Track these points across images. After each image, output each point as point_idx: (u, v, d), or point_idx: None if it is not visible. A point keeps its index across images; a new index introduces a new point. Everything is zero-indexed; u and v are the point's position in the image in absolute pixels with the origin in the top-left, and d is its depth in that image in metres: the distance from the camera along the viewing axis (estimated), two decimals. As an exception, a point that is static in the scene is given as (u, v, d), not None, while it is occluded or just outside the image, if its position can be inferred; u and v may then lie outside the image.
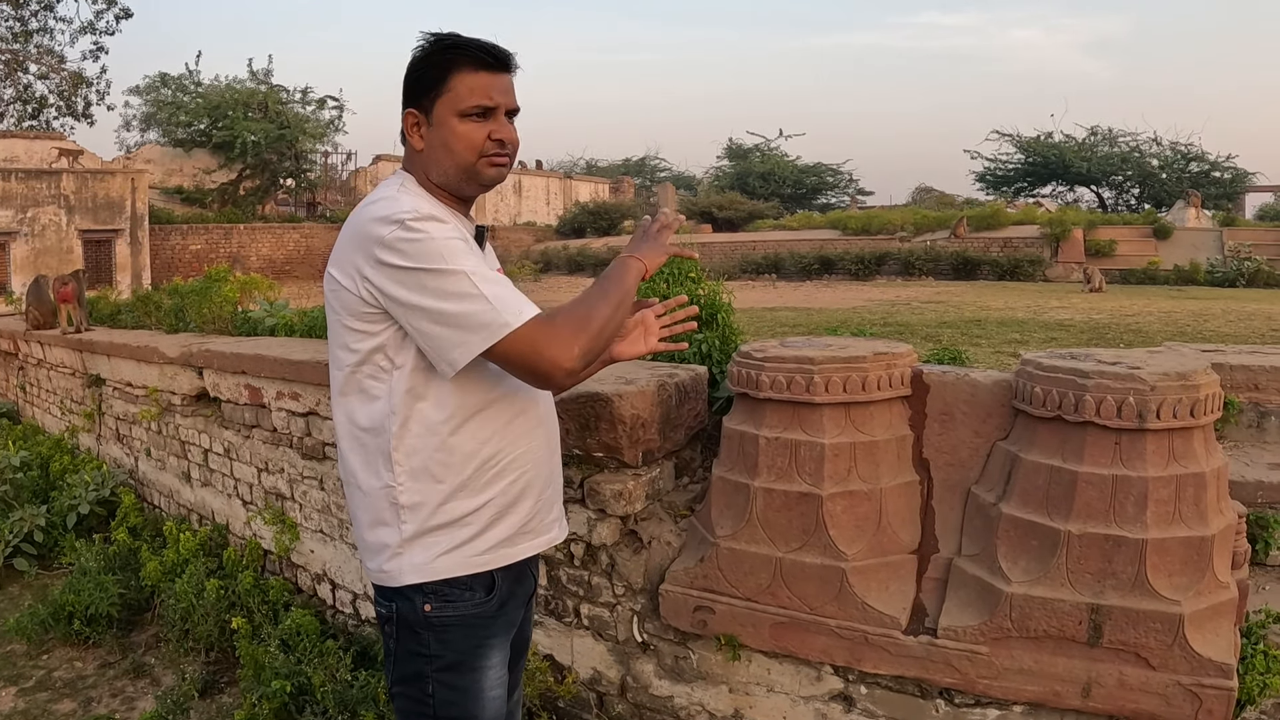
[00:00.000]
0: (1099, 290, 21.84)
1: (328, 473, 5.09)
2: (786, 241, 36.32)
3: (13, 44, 40.17)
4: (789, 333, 10.86)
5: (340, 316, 2.26)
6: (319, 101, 41.84)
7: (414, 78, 2.30)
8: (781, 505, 3.10)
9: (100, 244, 31.20)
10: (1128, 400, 2.69)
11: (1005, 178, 55.90)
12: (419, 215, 2.14)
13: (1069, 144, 53.17)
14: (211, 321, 7.39)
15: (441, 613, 2.29)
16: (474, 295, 2.10)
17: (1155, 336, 10.26)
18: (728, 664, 3.32)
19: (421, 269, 2.10)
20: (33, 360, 10.55)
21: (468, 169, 2.31)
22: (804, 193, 62.25)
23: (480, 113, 2.28)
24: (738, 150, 64.92)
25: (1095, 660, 2.71)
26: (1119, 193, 54.59)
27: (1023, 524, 2.85)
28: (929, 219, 36.97)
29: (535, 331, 2.12)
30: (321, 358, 4.97)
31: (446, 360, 2.15)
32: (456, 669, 2.33)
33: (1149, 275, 28.43)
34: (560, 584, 3.78)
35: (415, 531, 2.27)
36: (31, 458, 8.12)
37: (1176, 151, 52.14)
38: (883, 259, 32.29)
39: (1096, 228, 33.52)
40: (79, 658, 5.40)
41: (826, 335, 3.89)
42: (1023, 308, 15.66)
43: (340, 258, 2.24)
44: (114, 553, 6.27)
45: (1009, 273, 29.84)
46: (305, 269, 38.24)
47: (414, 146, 2.34)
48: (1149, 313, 14.60)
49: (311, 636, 4.67)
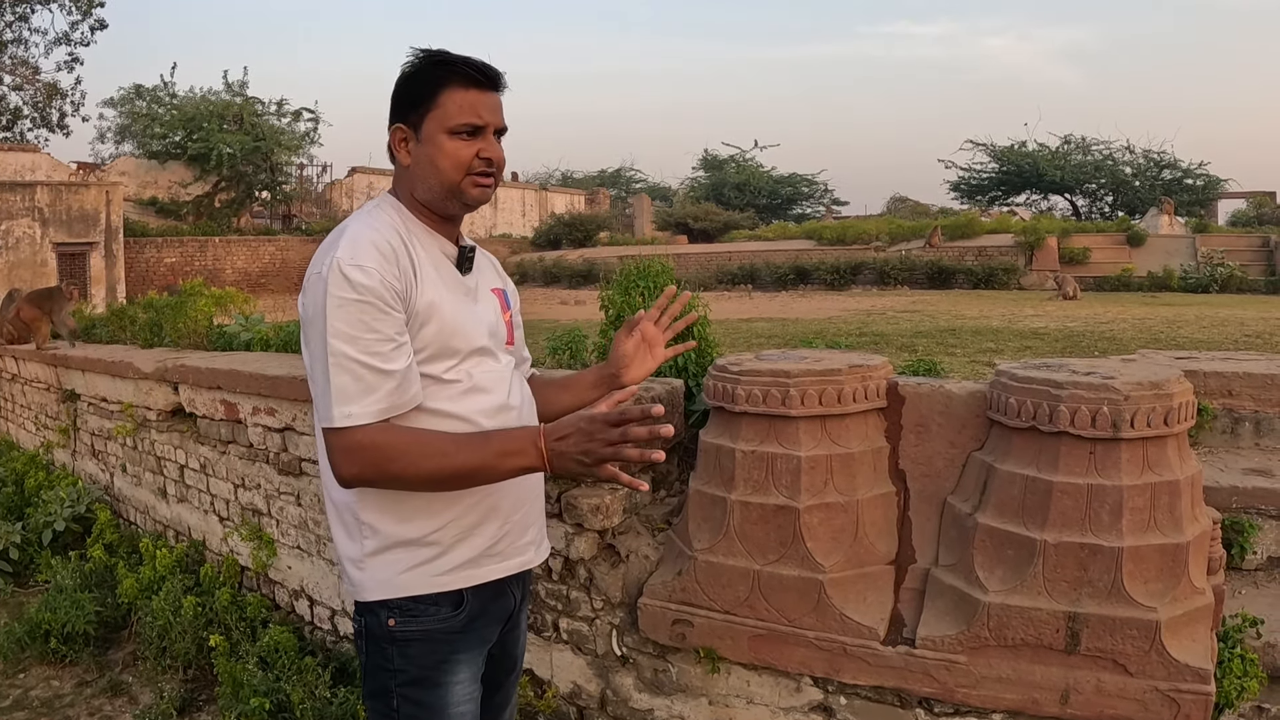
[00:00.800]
0: (1073, 298, 21.93)
1: (304, 488, 5.07)
2: (762, 252, 36.37)
3: (-14, 55, 39.98)
4: (765, 344, 10.87)
5: (304, 337, 2.27)
6: (294, 114, 41.71)
7: (403, 92, 2.30)
8: (759, 518, 3.11)
9: (75, 257, 31.00)
10: (1102, 410, 2.71)
11: (979, 186, 56.17)
12: (347, 262, 2.11)
13: (1043, 152, 53.45)
14: (187, 336, 7.37)
15: (405, 627, 2.29)
16: (322, 377, 2.14)
17: (1130, 344, 10.30)
18: (707, 676, 3.32)
19: (307, 323, 2.17)
20: (6, 375, 10.49)
21: (453, 187, 2.30)
22: (779, 203, 62.40)
23: (469, 131, 2.27)
24: (713, 161, 65.01)
25: (1073, 667, 2.73)
26: (1093, 200, 54.92)
27: (999, 534, 2.86)
28: (904, 228, 37.13)
29: (341, 439, 2.13)
30: (298, 373, 4.96)
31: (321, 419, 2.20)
32: (420, 684, 2.31)
33: (1123, 282, 28.60)
34: (539, 598, 3.78)
35: (376, 547, 2.27)
36: (6, 474, 8.09)
37: (1149, 159, 52.50)
38: (858, 269, 32.39)
39: (1071, 235, 33.69)
40: (56, 676, 5.37)
41: (802, 347, 3.90)
42: (997, 316, 15.71)
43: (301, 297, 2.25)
44: (90, 570, 6.24)
45: (984, 281, 29.96)
46: (280, 282, 38.08)
47: (400, 162, 2.33)
48: (1123, 320, 14.67)
49: (290, 653, 4.65)
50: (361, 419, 2.11)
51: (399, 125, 2.31)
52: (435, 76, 2.26)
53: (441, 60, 2.28)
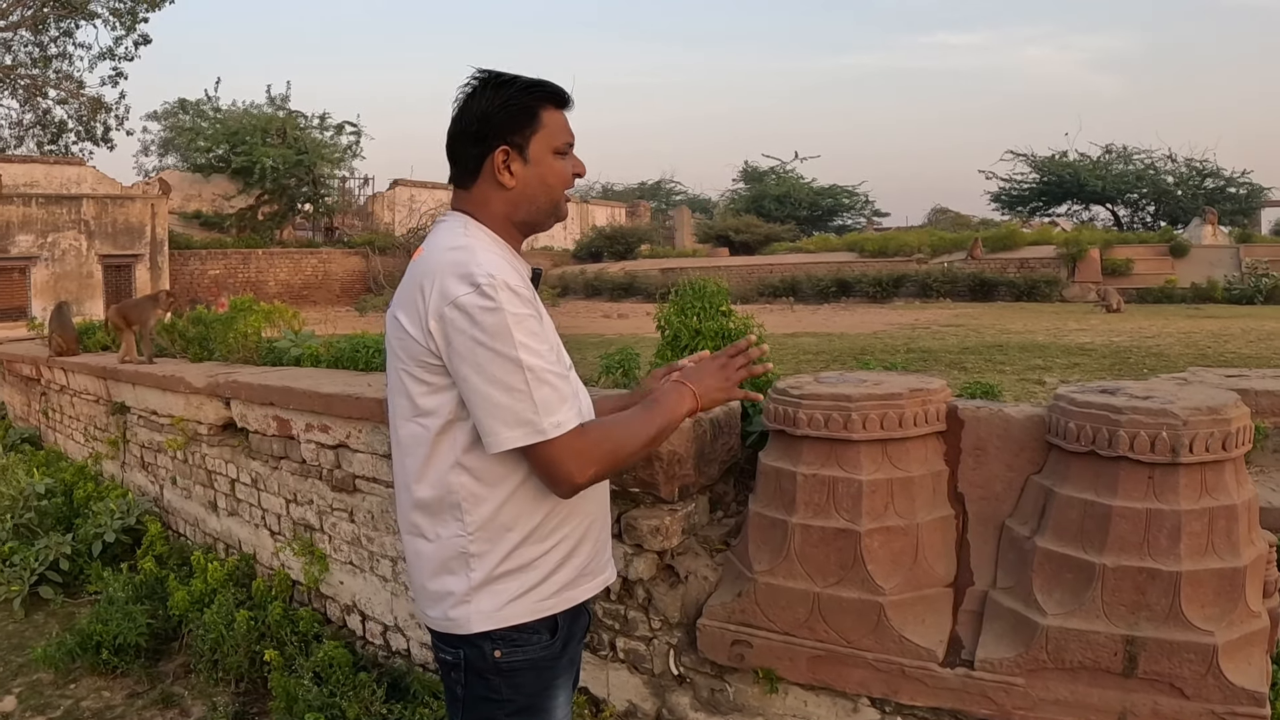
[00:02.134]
0: (1117, 311, 21.79)
1: (358, 505, 5.11)
2: (803, 264, 36.38)
3: (32, 69, 40.55)
4: (814, 361, 10.87)
5: (404, 364, 2.24)
6: (337, 127, 42.10)
7: (503, 114, 2.29)
8: (819, 540, 3.11)
9: (120, 269, 31.41)
10: (1160, 435, 2.70)
11: (1020, 197, 55.93)
12: (494, 281, 2.12)
13: (1084, 162, 53.16)
14: (237, 351, 7.43)
15: (511, 657, 2.29)
16: (521, 392, 2.11)
17: (1177, 360, 10.24)
18: (764, 696, 3.33)
19: (483, 344, 2.10)
20: (55, 386, 10.60)
21: (558, 204, 2.39)
22: (820, 215, 62.33)
23: (567, 149, 2.36)
24: (753, 173, 65.05)
25: (1130, 691, 2.71)
26: (1134, 211, 54.56)
27: (1057, 557, 2.85)
28: (945, 240, 37.02)
29: (563, 448, 2.15)
30: (352, 391, 5.00)
31: (485, 443, 2.17)
32: (528, 712, 2.33)
33: (1166, 294, 28.39)
34: (596, 618, 3.79)
35: (483, 579, 2.26)
36: (55, 485, 8.11)
37: (1191, 168, 52.11)
38: (900, 281, 32.32)
39: (1113, 247, 33.50)
40: (107, 687, 5.41)
41: (858, 368, 3.91)
42: (1042, 330, 15.64)
43: (407, 302, 2.22)
44: (141, 582, 6.28)
45: (1026, 294, 29.83)
46: (323, 294, 38.44)
47: (502, 183, 2.33)
48: (1168, 334, 14.58)
49: (344, 668, 4.68)
50: (568, 425, 2.15)
51: (505, 147, 2.30)
52: (533, 99, 2.31)
53: (533, 83, 2.33)
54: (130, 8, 40.05)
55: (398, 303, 2.27)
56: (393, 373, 2.31)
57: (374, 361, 6.14)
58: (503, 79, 2.31)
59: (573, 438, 2.16)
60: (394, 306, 2.29)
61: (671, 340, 4.47)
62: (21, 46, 40.32)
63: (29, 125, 41.91)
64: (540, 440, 2.12)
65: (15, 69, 40.32)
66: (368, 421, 4.88)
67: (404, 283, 2.28)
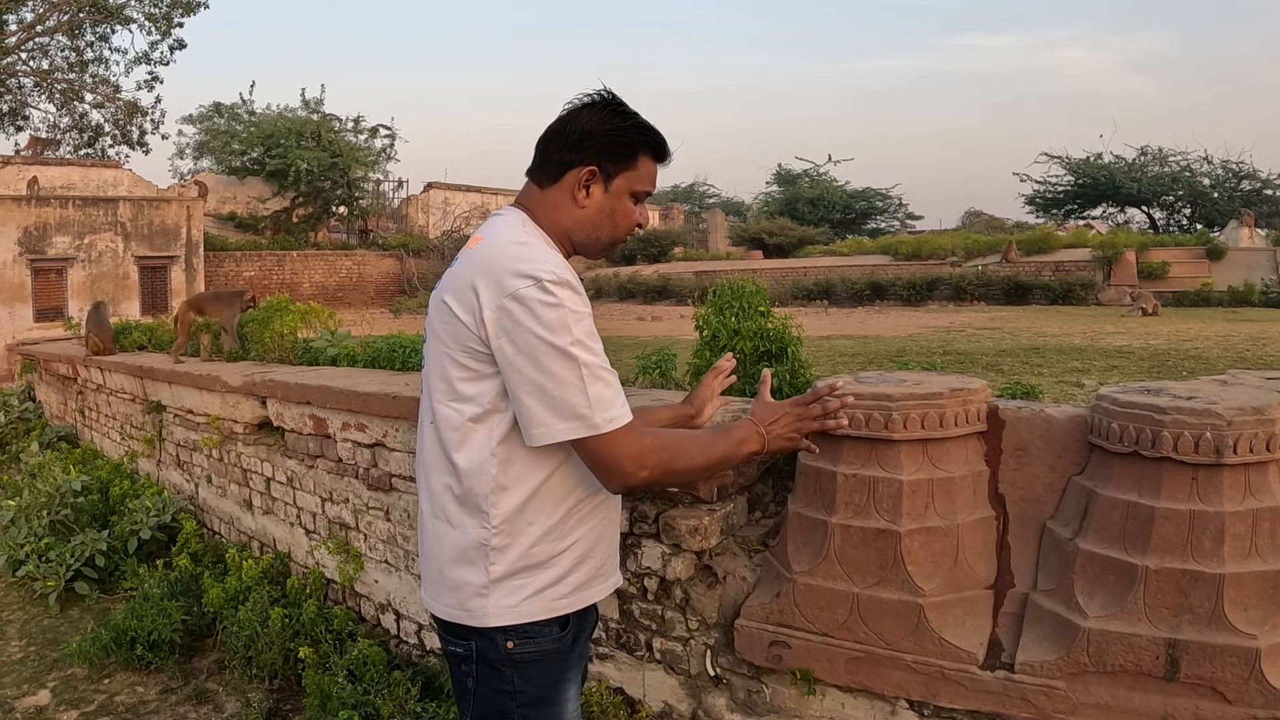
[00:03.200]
0: (1153, 314, 21.63)
1: (394, 504, 5.12)
2: (837, 267, 36.31)
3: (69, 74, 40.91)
4: (850, 363, 10.84)
5: (448, 348, 2.25)
6: (371, 130, 42.23)
7: (605, 141, 2.33)
8: (859, 541, 3.09)
9: (156, 270, 31.61)
10: (1204, 435, 2.67)
11: (1055, 200, 55.61)
12: (557, 279, 2.14)
13: (1119, 165, 52.81)
14: (273, 350, 7.47)
15: (523, 649, 2.31)
16: (576, 386, 2.14)
17: (1216, 363, 10.15)
18: (802, 698, 3.31)
19: (541, 338, 2.12)
20: (92, 385, 10.70)
21: (615, 242, 2.44)
22: (853, 218, 62.16)
23: (644, 196, 2.42)
24: (786, 176, 64.92)
25: (1171, 695, 2.68)
26: (1170, 213, 54.14)
27: (1099, 559, 2.82)
28: (979, 243, 36.86)
29: (618, 442, 2.19)
30: (389, 390, 5.01)
31: (528, 433, 2.19)
32: (540, 704, 2.35)
33: (1203, 297, 28.15)
34: (633, 618, 3.79)
35: (502, 573, 2.28)
36: (91, 482, 8.18)
37: (1228, 170, 51.71)
38: (934, 284, 32.21)
39: (1148, 250, 33.26)
40: (140, 683, 5.46)
41: (896, 368, 3.88)
42: (1079, 333, 15.53)
43: (461, 289, 2.22)
44: (175, 578, 6.34)
45: (1061, 297, 29.65)
46: (358, 296, 38.61)
47: (577, 200, 2.36)
48: (1206, 337, 14.45)
49: (378, 667, 4.69)
50: (621, 421, 2.19)
51: (593, 167, 2.34)
52: (639, 140, 2.37)
53: (646, 128, 2.38)
54: (165, 13, 40.30)
55: (448, 288, 2.28)
56: (433, 355, 2.33)
57: (410, 361, 6.15)
58: (621, 109, 2.36)
59: (628, 435, 2.20)
60: (442, 290, 2.30)
61: (710, 340, 4.47)
62: (58, 51, 40.67)
63: (65, 129, 42.31)
64: (593, 434, 2.16)
65: (52, 73, 40.68)
66: (405, 420, 4.89)
67: (457, 269, 2.29)
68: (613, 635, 3.88)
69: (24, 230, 28.83)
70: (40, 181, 32.11)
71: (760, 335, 4.27)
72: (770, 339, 4.27)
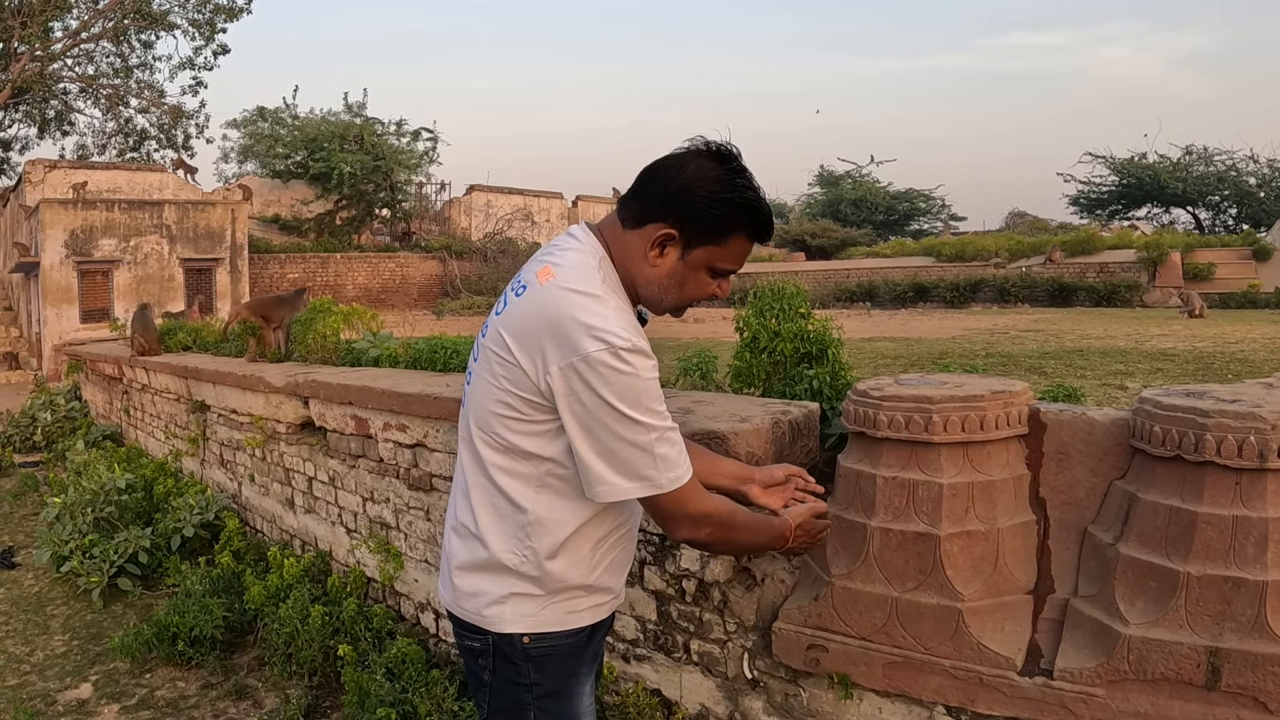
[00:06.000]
0: (1199, 316, 21.39)
1: (434, 504, 5.14)
2: (880, 269, 36.21)
3: (114, 79, 41.48)
4: (892, 365, 10.78)
5: (501, 386, 2.19)
6: (413, 133, 42.41)
7: (697, 207, 2.16)
8: (898, 545, 3.08)
9: (201, 272, 31.93)
10: (1248, 439, 2.63)
11: (1099, 200, 55.09)
12: (631, 346, 2.07)
13: (1163, 164, 52.24)
14: (316, 351, 7.51)
15: (539, 644, 2.33)
16: (644, 452, 2.13)
17: (1262, 365, 10.01)
18: (839, 702, 3.30)
19: (611, 405, 2.08)
20: (136, 385, 10.82)
21: (680, 309, 2.34)
22: (896, 219, 61.88)
23: (726, 274, 2.30)
24: (829, 177, 64.69)
25: (1212, 704, 2.64)
26: (1216, 213, 53.53)
27: (1141, 565, 2.79)
28: (1023, 244, 36.62)
29: (683, 501, 2.23)
30: (430, 391, 5.03)
31: (591, 489, 2.18)
32: (556, 697, 2.37)
33: (1249, 299, 27.81)
34: (670, 620, 3.79)
35: (525, 592, 2.31)
36: (135, 480, 8.27)
37: (1274, 169, 51.03)
38: (978, 286, 32.04)
39: (1194, 250, 32.89)
40: (181, 678, 5.52)
41: (938, 371, 3.86)
42: (1123, 336, 15.37)
43: (525, 333, 2.14)
44: (218, 576, 6.41)
45: (1106, 299, 29.40)
46: (400, 298, 38.82)
47: (648, 258, 2.23)
48: (1253, 340, 14.25)
49: (417, 665, 4.72)
50: (685, 478, 2.20)
51: (673, 231, 2.19)
52: (737, 218, 2.20)
53: (752, 206, 2.20)
54: (209, 19, 40.85)
55: (512, 325, 2.18)
56: (482, 381, 2.26)
57: (451, 363, 6.18)
58: (734, 180, 2.18)
59: (692, 493, 2.24)
60: (504, 323, 2.21)
61: (750, 341, 4.47)
62: (103, 57, 41.33)
63: (111, 133, 42.93)
64: (658, 493, 2.19)
65: (97, 79, 41.27)
66: (445, 421, 4.91)
67: (524, 305, 2.18)
68: (650, 636, 3.88)
69: (71, 233, 29.22)
70: (87, 184, 32.47)
71: (800, 337, 4.26)
72: (810, 341, 4.26)
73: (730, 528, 2.33)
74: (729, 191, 2.17)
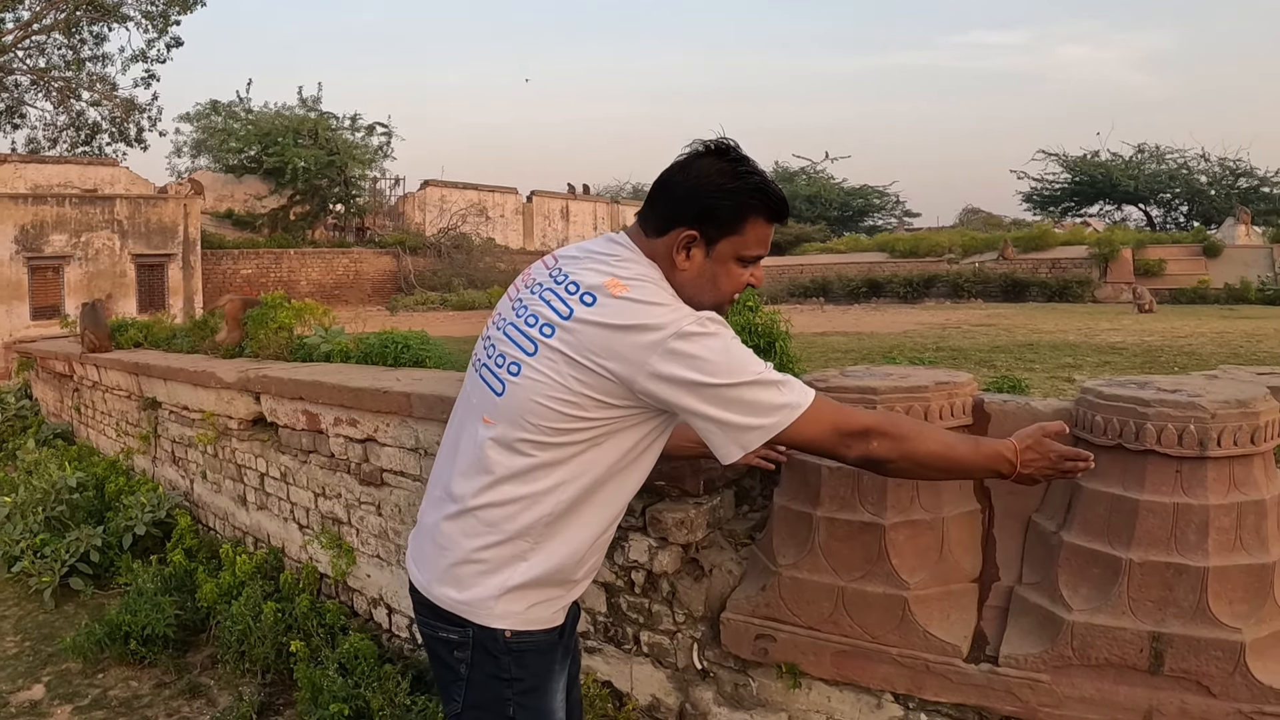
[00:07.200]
0: (1149, 311, 21.64)
1: (385, 499, 5.13)
2: (834, 265, 36.41)
3: (65, 71, 40.97)
4: (843, 359, 10.85)
5: (570, 383, 2.19)
6: (368, 128, 42.27)
7: (710, 203, 2.25)
8: (844, 534, 3.10)
9: (153, 268, 31.67)
10: (1189, 428, 2.67)
11: (1052, 197, 55.66)
12: (710, 317, 2.18)
13: (1116, 162, 52.84)
14: (268, 347, 7.46)
15: (521, 639, 2.35)
16: (764, 384, 2.17)
17: (1210, 359, 10.15)
18: (788, 692, 3.32)
19: (716, 362, 2.13)
20: (88, 382, 10.69)
21: (719, 305, 2.35)
22: (851, 215, 62.25)
23: (754, 260, 2.35)
24: (784, 173, 64.93)
25: (1156, 689, 2.68)
26: (1167, 211, 54.21)
27: (1084, 552, 2.83)
28: (976, 240, 36.95)
29: (825, 409, 2.25)
30: (381, 385, 5.01)
31: (740, 444, 2.19)
32: (534, 692, 2.39)
33: (1199, 294, 28.20)
34: (620, 611, 3.79)
35: (521, 583, 2.32)
36: (87, 478, 8.19)
37: (1225, 167, 51.72)
38: (931, 281, 32.30)
39: (1145, 247, 33.33)
40: (135, 677, 5.47)
41: (885, 363, 3.88)
42: (1074, 330, 15.55)
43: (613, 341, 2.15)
44: (170, 574, 6.34)
45: (1058, 294, 29.72)
46: (354, 294, 38.62)
47: (675, 262, 2.28)
48: (1201, 334, 14.45)
49: (369, 660, 4.71)
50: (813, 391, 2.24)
51: (693, 232, 2.26)
52: (749, 204, 2.27)
53: (760, 189, 2.27)
54: (162, 10, 40.41)
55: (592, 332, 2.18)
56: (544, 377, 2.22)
57: (402, 358, 6.16)
58: (737, 168, 2.26)
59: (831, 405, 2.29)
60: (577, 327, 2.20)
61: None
62: (55, 49, 40.80)
63: (63, 127, 42.40)
64: (801, 412, 2.19)
65: (49, 71, 40.75)
66: (395, 415, 4.90)
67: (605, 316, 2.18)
68: (600, 629, 3.89)
69: (21, 228, 28.90)
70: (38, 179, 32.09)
71: (748, 330, 4.28)
72: (758, 334, 4.28)
73: (900, 436, 2.30)
74: (734, 181, 2.25)
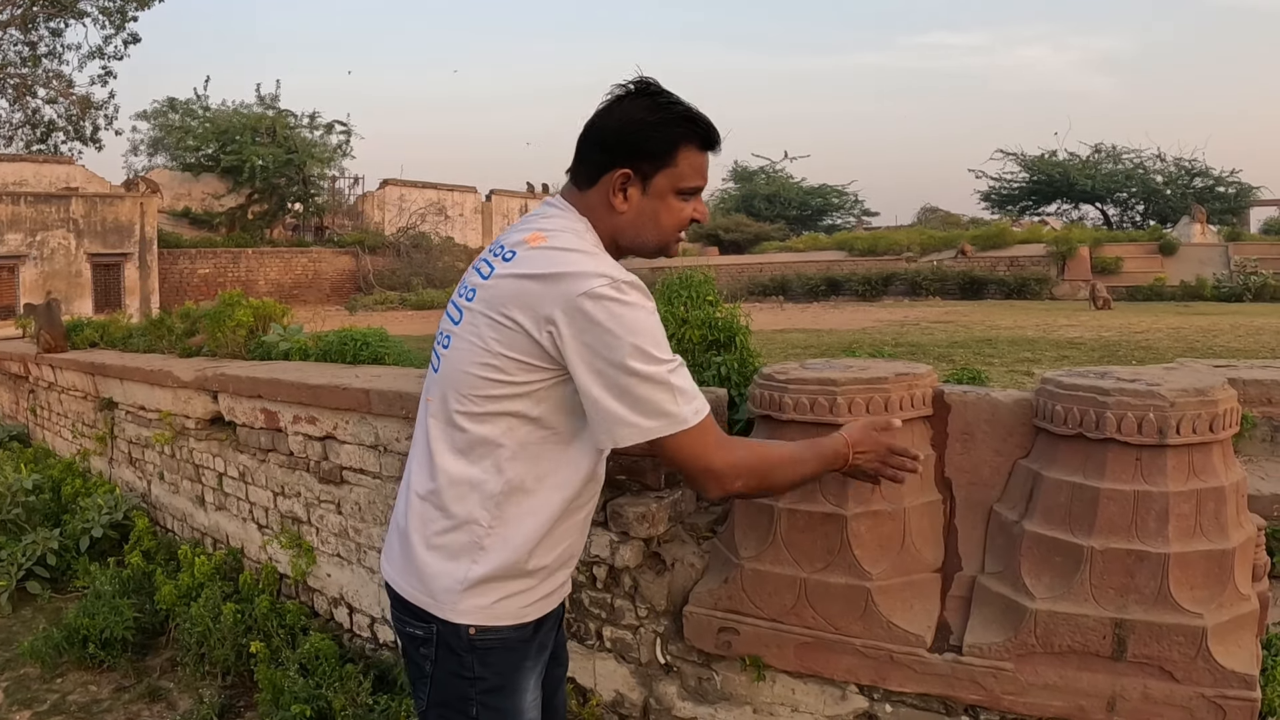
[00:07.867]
0: (1106, 308, 21.83)
1: (345, 496, 5.09)
2: (793, 263, 36.54)
3: (21, 68, 40.51)
4: (802, 355, 10.87)
5: (490, 345, 2.15)
6: (326, 126, 42.05)
7: (637, 139, 2.21)
8: (805, 526, 3.10)
9: (109, 268, 31.38)
10: (1148, 417, 2.70)
11: (1010, 196, 56.09)
12: (630, 281, 2.10)
13: (1073, 162, 53.34)
14: (225, 346, 7.40)
15: (485, 637, 2.29)
16: (661, 384, 2.09)
17: (1166, 353, 10.27)
18: (752, 685, 3.32)
19: (620, 339, 2.06)
20: (44, 383, 10.56)
21: (666, 244, 2.33)
22: (810, 214, 62.49)
23: (694, 192, 2.30)
24: (743, 173, 65.10)
25: (1120, 674, 2.70)
26: (1124, 210, 54.75)
27: (1045, 541, 2.85)
28: (935, 239, 37.21)
29: (707, 437, 2.15)
30: (339, 382, 4.98)
31: (611, 435, 2.13)
32: (499, 691, 2.33)
33: (1155, 292, 28.54)
34: (583, 607, 3.78)
35: (484, 575, 2.25)
36: (43, 481, 8.08)
37: (1180, 167, 52.34)
38: (890, 279, 32.49)
39: (1102, 245, 33.68)
40: (93, 681, 5.39)
41: (845, 357, 3.89)
42: (1032, 326, 15.67)
43: (523, 294, 2.12)
44: (128, 576, 6.26)
45: (1016, 291, 29.97)
46: (313, 293, 38.41)
47: (614, 206, 2.26)
48: (1158, 329, 14.59)
49: (330, 660, 4.67)
50: (706, 409, 2.16)
51: (626, 170, 2.23)
52: (677, 134, 2.23)
53: (685, 116, 2.24)
54: (120, 6, 40.05)
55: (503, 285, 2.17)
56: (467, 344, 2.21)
57: (361, 355, 6.12)
58: (658, 100, 2.23)
59: (714, 434, 2.18)
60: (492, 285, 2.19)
61: (657, 329, 4.46)
62: (10, 45, 40.32)
63: (18, 124, 41.91)
64: (684, 429, 2.12)
65: (4, 68, 40.28)
66: (354, 412, 4.87)
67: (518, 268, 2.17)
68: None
69: (-26, 228, 28.53)
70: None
71: (708, 324, 4.27)
72: (718, 328, 4.27)
73: (766, 474, 2.28)
74: (658, 112, 2.22)
